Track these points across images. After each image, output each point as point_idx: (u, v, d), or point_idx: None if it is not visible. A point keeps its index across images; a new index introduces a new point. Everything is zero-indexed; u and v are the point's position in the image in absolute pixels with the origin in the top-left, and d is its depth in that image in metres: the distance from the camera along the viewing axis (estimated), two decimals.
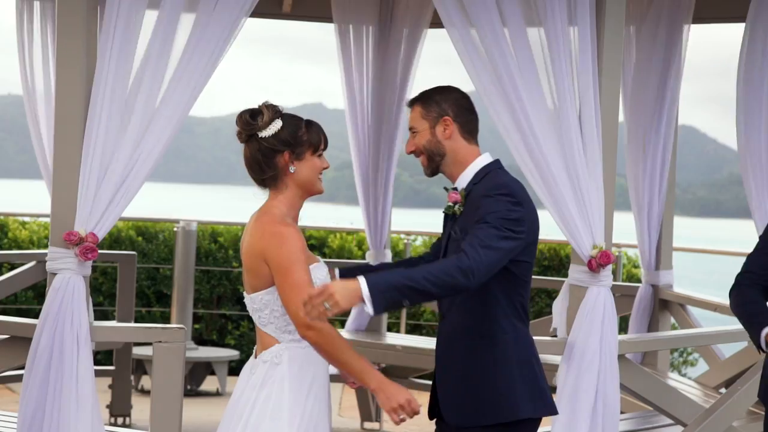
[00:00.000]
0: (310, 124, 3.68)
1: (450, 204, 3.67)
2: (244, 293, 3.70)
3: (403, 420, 3.45)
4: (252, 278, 3.60)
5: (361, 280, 3.32)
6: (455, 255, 3.44)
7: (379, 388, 3.46)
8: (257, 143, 3.60)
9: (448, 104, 3.67)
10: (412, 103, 3.72)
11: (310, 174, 3.66)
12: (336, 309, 3.30)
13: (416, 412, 3.46)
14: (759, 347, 3.78)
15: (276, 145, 3.60)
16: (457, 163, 3.67)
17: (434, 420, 3.80)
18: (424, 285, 3.33)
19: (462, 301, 3.63)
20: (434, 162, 3.69)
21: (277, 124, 3.61)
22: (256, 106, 3.64)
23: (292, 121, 3.64)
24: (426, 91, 3.74)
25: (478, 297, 3.59)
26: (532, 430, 3.66)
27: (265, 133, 3.60)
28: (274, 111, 3.63)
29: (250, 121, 3.60)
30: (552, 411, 3.67)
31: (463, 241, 3.49)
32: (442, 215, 3.77)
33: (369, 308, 3.32)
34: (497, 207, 3.49)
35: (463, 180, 3.66)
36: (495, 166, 3.66)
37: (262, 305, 3.60)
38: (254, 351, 3.73)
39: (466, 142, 3.69)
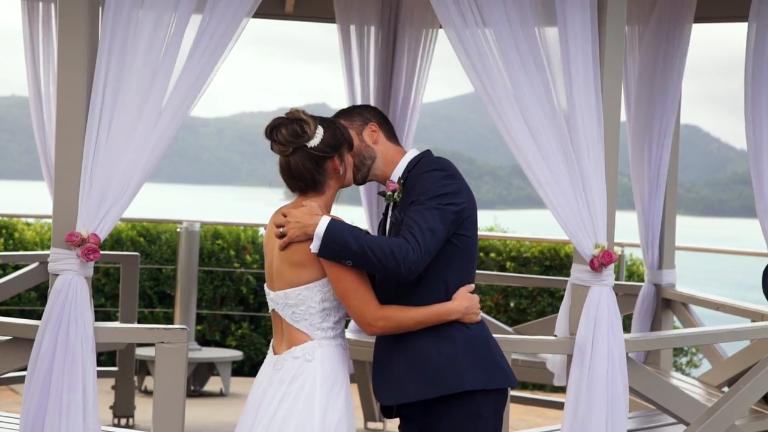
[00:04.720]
0: (334, 123, 3.68)
1: (389, 193, 3.74)
2: (270, 290, 3.65)
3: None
4: (297, 271, 3.56)
5: (323, 222, 3.47)
6: (402, 236, 3.51)
7: (457, 315, 3.63)
8: (305, 153, 3.57)
9: (370, 114, 3.82)
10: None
11: (350, 172, 3.71)
12: (286, 239, 3.52)
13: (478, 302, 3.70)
14: None
15: (326, 152, 3.59)
16: (388, 163, 3.78)
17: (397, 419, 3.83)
18: (371, 258, 3.45)
19: (413, 291, 3.64)
20: (365, 166, 3.78)
21: (320, 130, 3.60)
22: (287, 116, 3.60)
23: (326, 123, 3.64)
24: (343, 108, 3.87)
25: (432, 284, 3.63)
26: (492, 404, 3.65)
27: (314, 142, 3.58)
28: (313, 118, 3.62)
29: (300, 133, 3.56)
30: (512, 383, 3.70)
31: (403, 223, 3.58)
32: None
33: (314, 247, 3.48)
34: (430, 184, 3.59)
35: (398, 173, 3.75)
36: (427, 153, 3.76)
37: (298, 301, 3.56)
38: (272, 347, 3.69)
39: (393, 144, 3.81)
